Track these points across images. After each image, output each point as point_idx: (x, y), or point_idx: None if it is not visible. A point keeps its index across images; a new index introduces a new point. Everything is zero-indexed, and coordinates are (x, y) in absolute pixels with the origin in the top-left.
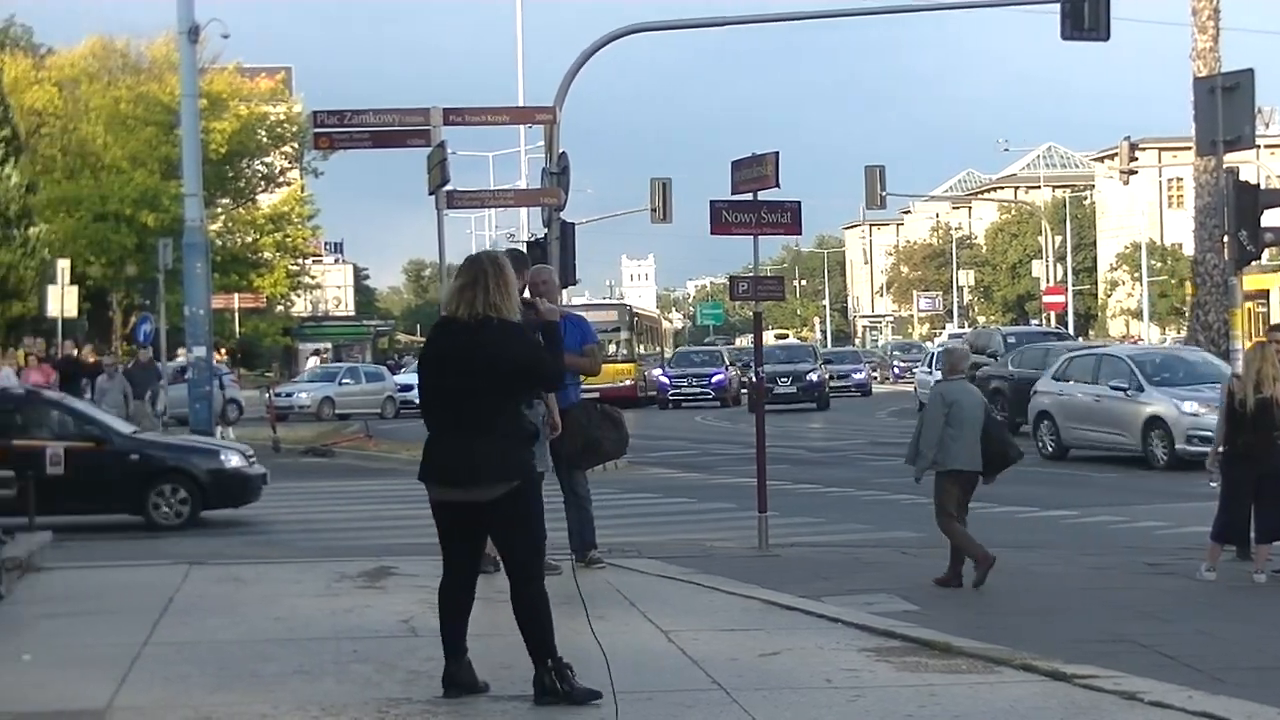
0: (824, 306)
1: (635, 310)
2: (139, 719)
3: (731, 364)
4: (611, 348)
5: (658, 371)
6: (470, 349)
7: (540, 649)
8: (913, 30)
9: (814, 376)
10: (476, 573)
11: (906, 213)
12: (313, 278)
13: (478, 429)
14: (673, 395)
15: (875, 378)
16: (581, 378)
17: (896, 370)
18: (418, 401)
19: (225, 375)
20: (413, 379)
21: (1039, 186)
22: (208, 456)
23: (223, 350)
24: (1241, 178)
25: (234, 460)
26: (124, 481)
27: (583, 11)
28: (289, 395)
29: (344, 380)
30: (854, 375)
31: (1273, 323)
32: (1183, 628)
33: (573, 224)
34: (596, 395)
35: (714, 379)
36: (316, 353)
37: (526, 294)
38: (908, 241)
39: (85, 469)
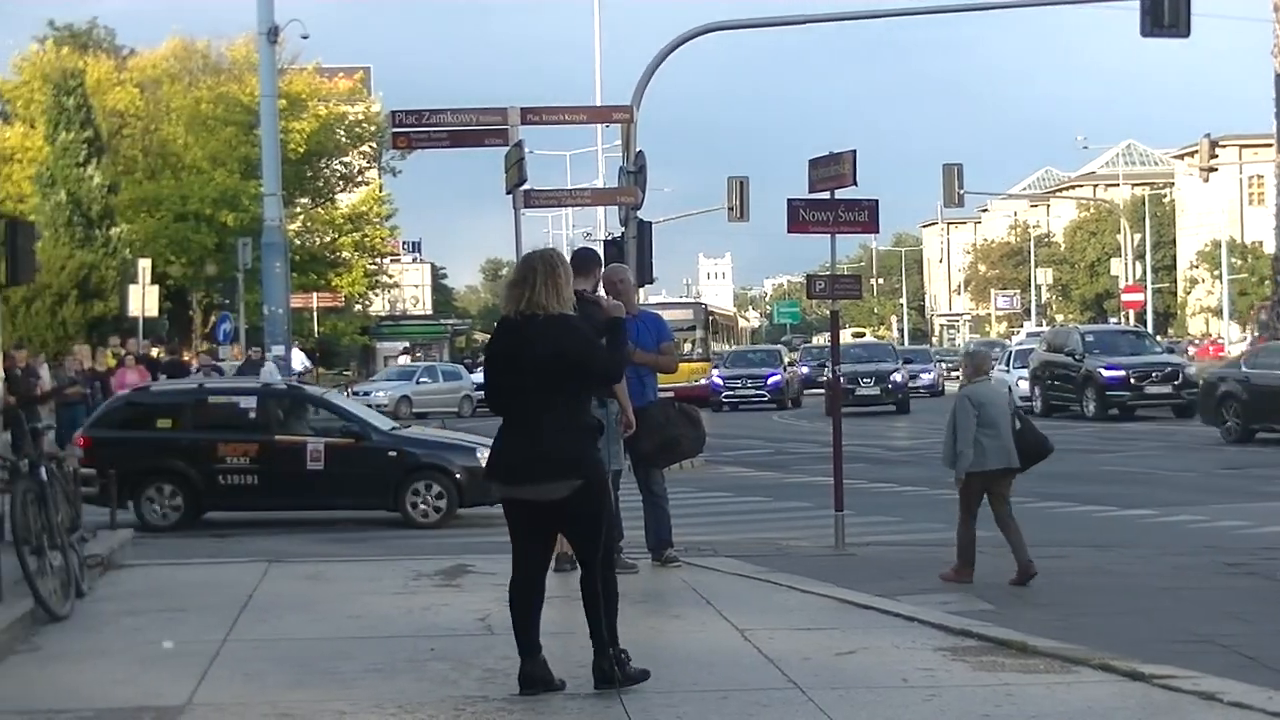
0: (901, 305)
1: (710, 309)
2: (218, 715)
3: (791, 363)
4: (686, 346)
5: (714, 371)
6: (520, 346)
7: (601, 637)
8: (992, 27)
9: (898, 377)
10: (546, 569)
11: (984, 211)
12: (390, 277)
13: (539, 426)
14: (726, 397)
15: (952, 376)
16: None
17: None
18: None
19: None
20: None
21: (1118, 184)
22: (464, 454)
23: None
24: None
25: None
26: (381, 477)
27: (661, 10)
28: (366, 394)
29: (422, 379)
30: (922, 375)
31: None
32: (1263, 628)
33: (650, 223)
34: (671, 394)
35: (770, 380)
36: (407, 350)
37: (601, 291)
38: (985, 240)
39: (344, 465)
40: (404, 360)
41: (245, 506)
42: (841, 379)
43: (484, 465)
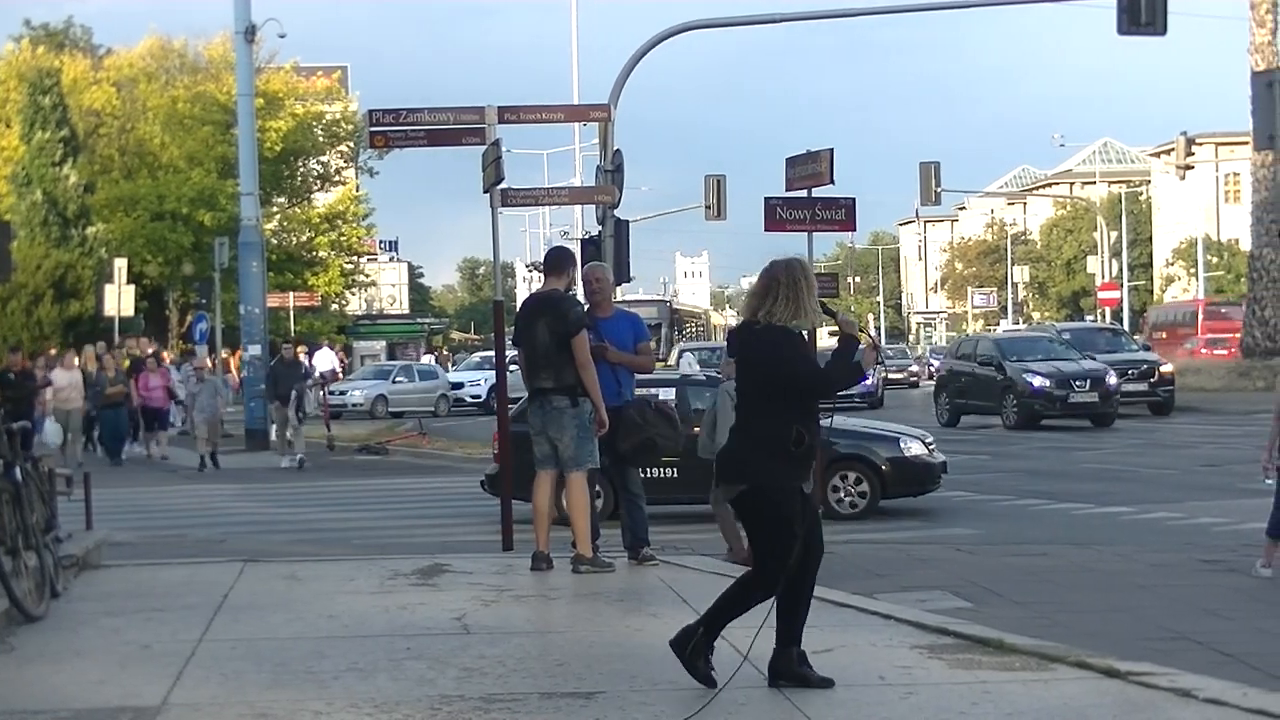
0: (878, 303)
1: (676, 306)
2: (194, 715)
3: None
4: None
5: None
6: (741, 352)
7: (713, 616)
8: (968, 26)
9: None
10: (800, 565)
11: (961, 209)
12: (367, 276)
13: (738, 426)
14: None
15: (920, 374)
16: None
17: None
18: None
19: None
20: (464, 376)
21: (1095, 182)
22: (887, 444)
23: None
24: None
25: (914, 448)
26: None
27: (638, 9)
28: (342, 393)
29: (398, 378)
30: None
31: None
32: (1240, 625)
33: (627, 221)
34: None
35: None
36: (432, 349)
37: (579, 290)
38: (962, 238)
39: None
40: (429, 359)
41: (669, 500)
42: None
43: (907, 456)
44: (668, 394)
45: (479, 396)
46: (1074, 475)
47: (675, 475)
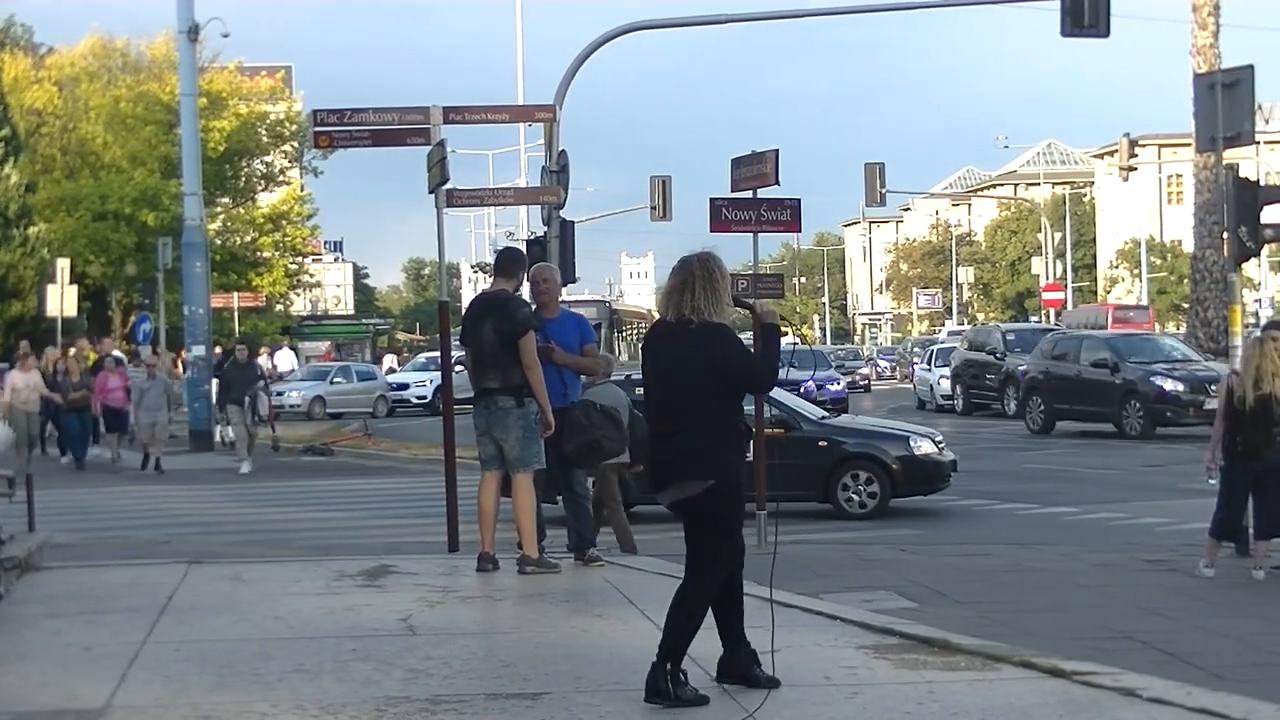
0: (824, 304)
1: (618, 306)
2: (138, 717)
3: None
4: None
5: None
6: (674, 351)
7: (668, 648)
8: (914, 27)
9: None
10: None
11: (906, 210)
12: (311, 276)
13: (682, 428)
14: None
15: (868, 377)
16: (581, 377)
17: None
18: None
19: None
20: (409, 377)
21: (1039, 183)
22: (897, 442)
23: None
24: (1241, 174)
25: (924, 446)
26: (811, 468)
27: (583, 9)
28: (280, 394)
29: (336, 379)
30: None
31: (1271, 319)
32: (1182, 624)
33: (572, 222)
34: None
35: None
36: (395, 349)
37: (526, 291)
38: (907, 239)
39: (774, 455)
40: (390, 360)
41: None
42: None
43: (917, 454)
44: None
45: (424, 397)
46: (1018, 476)
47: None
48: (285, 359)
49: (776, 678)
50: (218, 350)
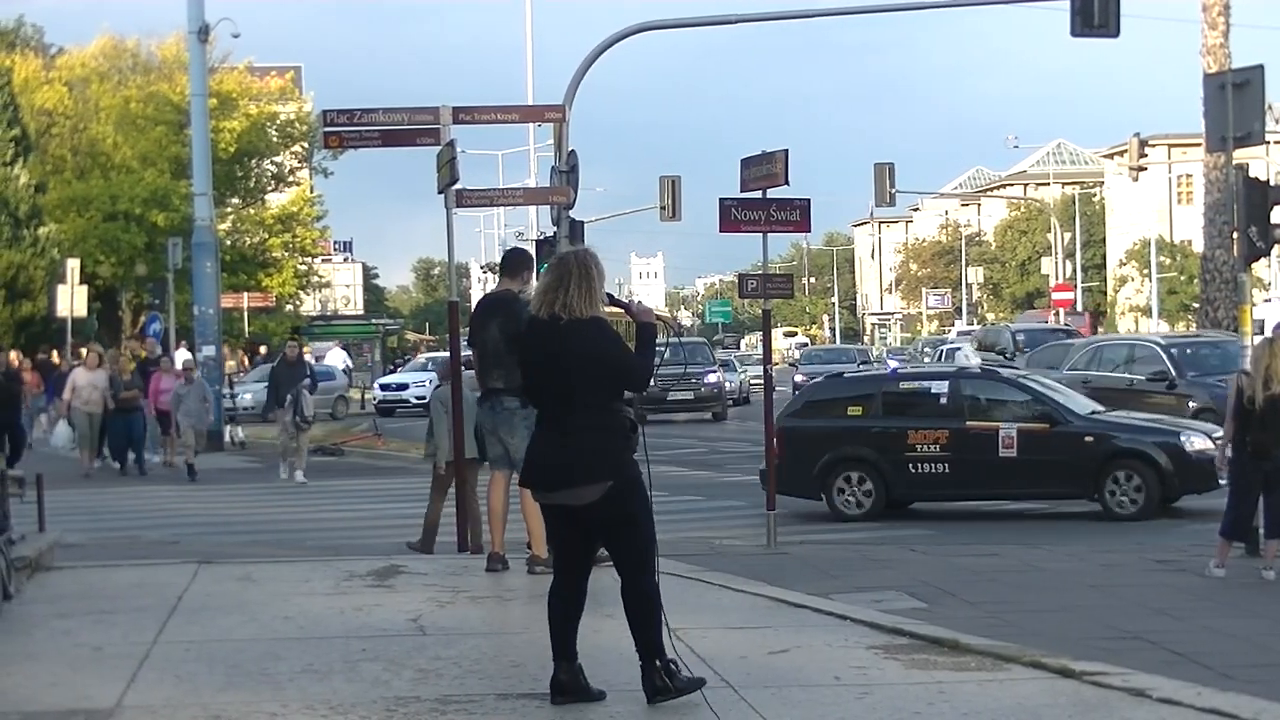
0: (833, 304)
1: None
2: (148, 717)
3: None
4: None
5: None
6: (553, 348)
7: (649, 647)
8: (923, 28)
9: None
10: (588, 574)
11: (916, 210)
12: (321, 277)
13: (571, 429)
14: None
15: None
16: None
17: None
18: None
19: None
20: (408, 377)
21: (1048, 183)
22: (1167, 437)
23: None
24: (1251, 174)
25: (1197, 442)
26: (1077, 465)
27: (593, 9)
28: (234, 395)
29: None
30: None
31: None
32: (1192, 624)
33: (582, 222)
34: None
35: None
36: (414, 349)
37: (532, 290)
38: (917, 239)
39: (1037, 451)
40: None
41: (936, 496)
42: None
43: (1188, 451)
44: (940, 387)
45: (424, 398)
46: None
47: (946, 471)
48: (335, 358)
49: (604, 690)
50: (262, 349)
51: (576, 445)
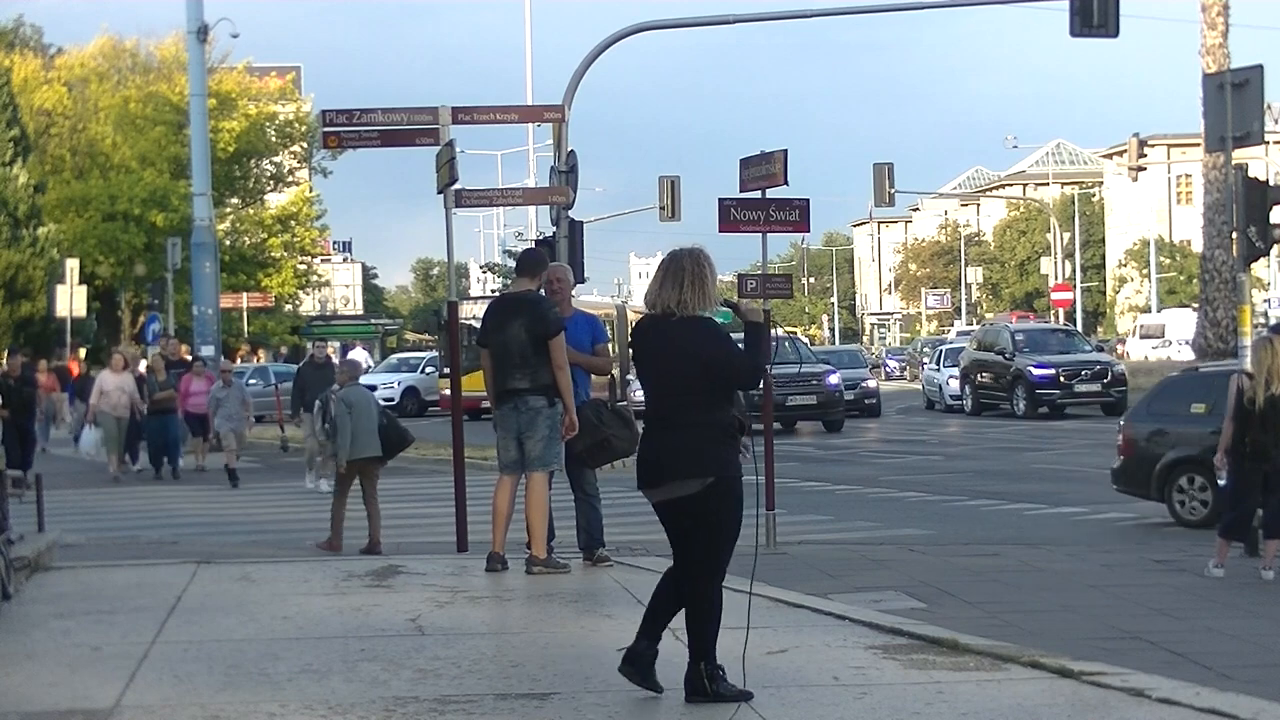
0: (832, 304)
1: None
2: (147, 717)
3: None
4: None
5: None
6: (663, 345)
7: (699, 647)
8: (922, 28)
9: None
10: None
11: (915, 210)
12: (320, 277)
13: (674, 425)
14: None
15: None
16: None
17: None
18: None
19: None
20: (376, 379)
21: (1047, 183)
22: None
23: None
24: (1251, 174)
25: None
26: None
27: (593, 9)
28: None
29: (251, 380)
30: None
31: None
32: (1191, 624)
33: (581, 222)
34: None
35: None
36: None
37: (543, 291)
38: (916, 239)
39: None
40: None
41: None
42: None
43: None
44: None
45: (391, 399)
46: (1025, 475)
47: None
48: (359, 358)
49: (661, 685)
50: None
51: (681, 441)
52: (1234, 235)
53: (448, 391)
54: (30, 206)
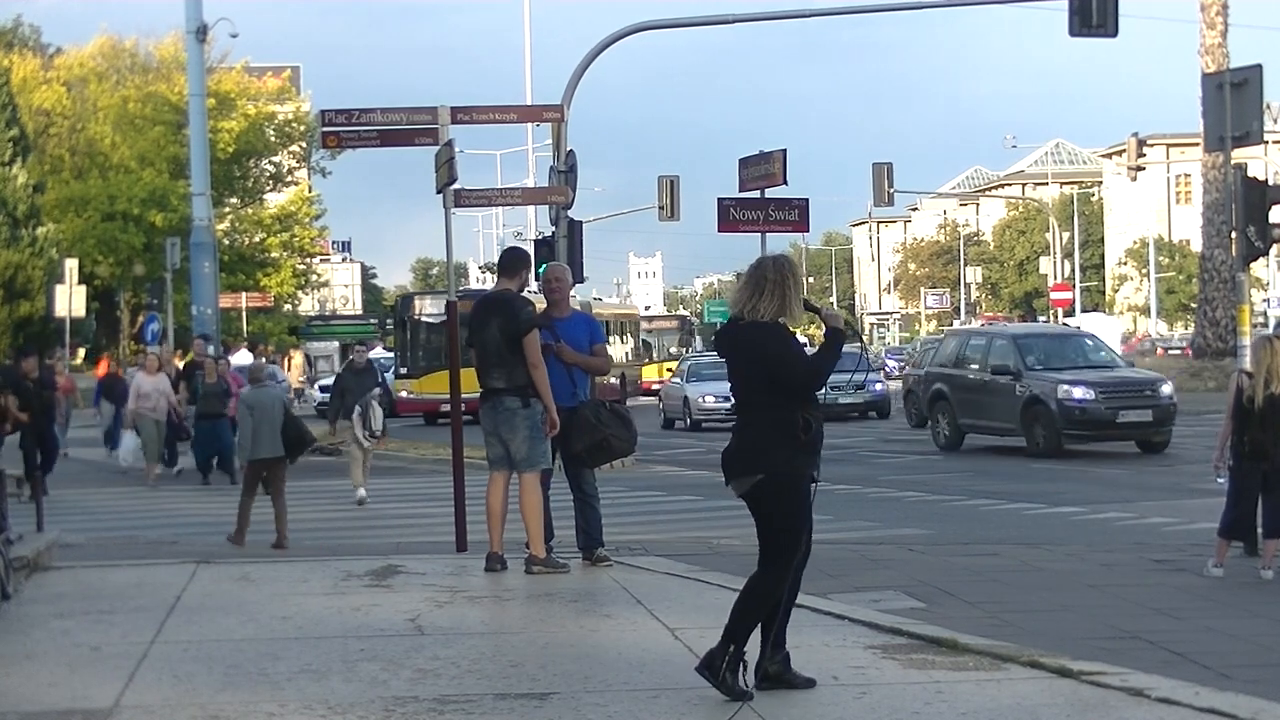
0: (831, 304)
1: (584, 305)
2: (146, 717)
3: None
4: None
5: None
6: (732, 349)
7: (730, 628)
8: (921, 27)
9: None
10: (800, 564)
11: (914, 210)
12: (319, 276)
13: (741, 424)
14: None
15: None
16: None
17: None
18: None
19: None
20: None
21: (1047, 183)
22: None
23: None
24: (1250, 173)
25: None
26: None
27: (593, 9)
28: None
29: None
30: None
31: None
32: (1191, 624)
33: (580, 222)
34: None
35: None
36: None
37: (525, 292)
38: (915, 238)
39: None
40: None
41: None
42: None
43: None
44: None
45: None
46: (1024, 476)
47: None
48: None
49: (812, 678)
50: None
51: (741, 439)
52: (1233, 235)
53: (404, 394)
54: (29, 206)
